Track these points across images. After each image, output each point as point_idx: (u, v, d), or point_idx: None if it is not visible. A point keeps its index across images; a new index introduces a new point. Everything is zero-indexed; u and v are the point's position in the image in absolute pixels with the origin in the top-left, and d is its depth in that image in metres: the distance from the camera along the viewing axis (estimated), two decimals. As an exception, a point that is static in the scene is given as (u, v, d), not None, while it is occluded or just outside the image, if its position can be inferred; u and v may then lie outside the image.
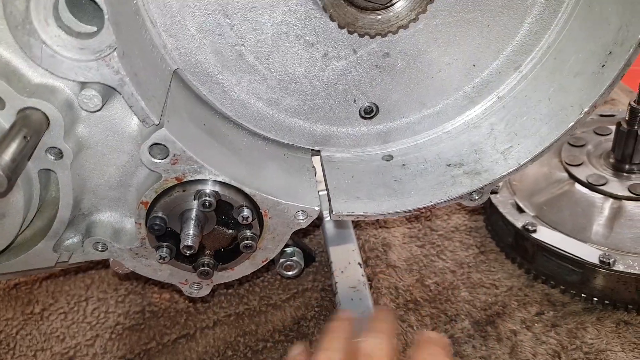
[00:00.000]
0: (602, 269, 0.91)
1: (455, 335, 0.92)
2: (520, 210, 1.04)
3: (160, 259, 0.70)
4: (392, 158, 0.82)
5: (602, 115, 1.23)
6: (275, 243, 0.75)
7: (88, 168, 0.66)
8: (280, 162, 0.79)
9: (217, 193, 0.67)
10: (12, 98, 0.56)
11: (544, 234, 0.98)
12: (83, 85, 0.57)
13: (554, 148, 0.73)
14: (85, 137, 0.64)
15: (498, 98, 0.79)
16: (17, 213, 0.62)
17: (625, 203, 1.01)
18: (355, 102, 0.78)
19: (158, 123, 0.61)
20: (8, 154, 0.51)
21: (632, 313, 0.93)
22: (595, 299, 0.94)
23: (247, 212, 0.69)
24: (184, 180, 0.66)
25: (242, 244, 0.71)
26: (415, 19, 0.66)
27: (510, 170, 0.75)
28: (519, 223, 1.01)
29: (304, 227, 0.73)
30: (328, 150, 0.83)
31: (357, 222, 1.15)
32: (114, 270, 0.74)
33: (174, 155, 0.63)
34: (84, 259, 0.72)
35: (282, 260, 0.93)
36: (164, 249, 0.70)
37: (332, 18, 0.65)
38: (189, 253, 0.67)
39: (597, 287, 0.94)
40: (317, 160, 0.84)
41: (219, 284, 0.83)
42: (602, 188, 1.03)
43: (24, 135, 0.54)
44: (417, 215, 1.19)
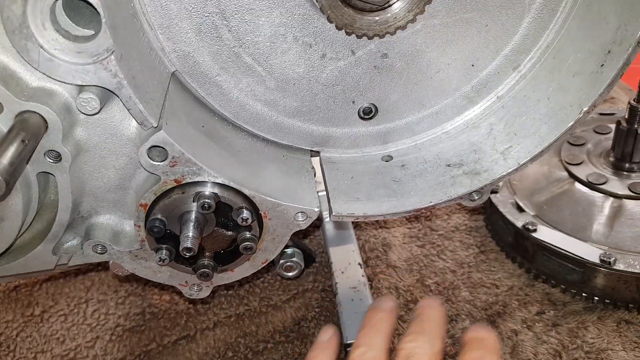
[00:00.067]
0: (602, 268, 0.91)
1: (456, 336, 0.92)
2: (521, 210, 1.04)
3: (160, 261, 0.70)
4: (391, 158, 0.82)
5: (601, 114, 1.23)
6: (275, 244, 0.75)
7: (87, 171, 0.66)
8: (280, 163, 0.79)
9: (216, 195, 0.67)
10: (10, 102, 0.56)
11: (544, 234, 0.98)
12: (81, 89, 0.57)
13: (554, 147, 0.73)
14: (84, 140, 0.64)
15: (497, 98, 0.79)
16: (16, 216, 0.62)
17: (626, 202, 1.00)
18: (354, 102, 0.78)
19: (156, 125, 0.61)
20: (6, 158, 0.51)
21: (633, 312, 0.92)
22: (596, 298, 0.94)
23: (246, 213, 0.69)
24: (183, 183, 0.66)
25: (241, 246, 0.71)
26: (413, 20, 0.66)
27: (510, 170, 0.75)
28: (519, 222, 1.00)
29: (304, 228, 0.73)
30: (327, 151, 0.83)
31: (357, 222, 1.15)
32: (114, 273, 0.74)
33: (173, 158, 0.63)
34: (84, 262, 0.72)
35: (282, 261, 0.93)
36: (164, 251, 0.70)
37: (329, 19, 0.65)
38: (189, 255, 0.67)
39: (597, 286, 0.93)
40: (316, 161, 0.84)
41: (219, 286, 0.83)
42: (602, 187, 1.03)
43: (22, 139, 0.54)
44: (417, 216, 1.18)
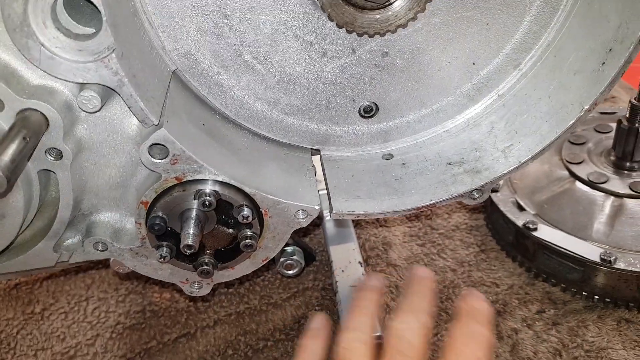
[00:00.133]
0: (603, 267, 0.91)
1: (456, 334, 0.93)
2: (521, 209, 1.04)
3: (161, 259, 0.70)
4: (392, 157, 0.82)
5: (602, 113, 1.23)
6: (276, 242, 0.75)
7: (88, 168, 0.66)
8: (280, 161, 0.79)
9: (217, 192, 0.67)
10: (11, 100, 0.56)
11: (545, 232, 0.98)
12: (82, 87, 0.57)
13: (555, 146, 0.73)
14: (85, 137, 0.64)
15: (498, 96, 0.79)
16: (17, 213, 0.62)
17: (626, 201, 1.00)
18: (355, 101, 0.78)
19: (157, 123, 0.61)
20: (7, 155, 0.52)
21: (633, 311, 0.92)
22: (596, 297, 0.94)
23: (247, 211, 0.69)
24: (184, 180, 0.66)
25: (242, 243, 0.71)
26: (414, 18, 0.66)
27: (511, 169, 0.75)
28: (520, 221, 1.00)
29: (304, 226, 0.73)
30: (328, 150, 0.83)
31: (357, 221, 1.15)
32: (115, 270, 0.74)
33: (174, 155, 0.63)
34: (84, 259, 0.72)
35: (282, 259, 0.94)
36: (164, 249, 0.70)
37: (330, 17, 0.65)
38: (189, 252, 0.67)
39: (598, 285, 0.93)
40: (317, 160, 0.84)
41: (220, 283, 0.83)
42: (602, 186, 1.02)
43: (24, 137, 0.54)
44: (417, 214, 1.18)
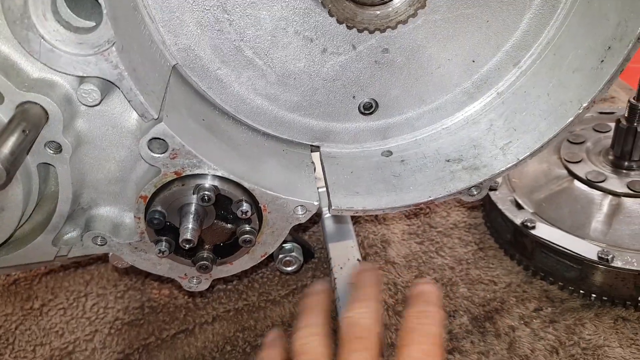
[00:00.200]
0: (600, 266, 0.91)
1: (454, 331, 0.93)
2: (519, 207, 1.04)
3: (160, 253, 0.70)
4: (391, 154, 0.82)
5: (601, 113, 1.23)
6: (274, 238, 0.75)
7: (87, 162, 0.66)
8: (280, 157, 0.79)
9: (216, 187, 0.67)
10: (10, 92, 0.56)
11: (543, 231, 0.98)
12: (82, 80, 0.57)
13: (553, 144, 0.73)
14: (84, 131, 0.64)
15: (497, 94, 0.79)
16: (16, 207, 0.62)
17: (624, 200, 1.01)
18: (355, 97, 0.78)
19: (157, 117, 0.62)
20: (7, 147, 0.52)
21: (630, 309, 0.93)
22: (594, 295, 0.94)
23: (246, 206, 0.69)
24: (183, 175, 0.66)
25: (241, 239, 0.71)
26: (414, 15, 0.66)
27: (509, 166, 0.75)
28: (518, 220, 1.01)
29: (303, 221, 0.74)
30: (327, 146, 0.83)
31: (356, 218, 1.15)
32: (113, 265, 0.74)
33: (173, 150, 0.63)
34: (83, 253, 0.72)
35: (281, 256, 0.94)
36: (163, 243, 0.70)
37: (330, 13, 0.65)
38: (188, 247, 0.67)
39: (595, 283, 0.94)
40: (316, 156, 0.84)
41: (218, 279, 0.83)
42: (601, 185, 1.03)
43: (23, 129, 0.54)
44: (416, 212, 1.19)
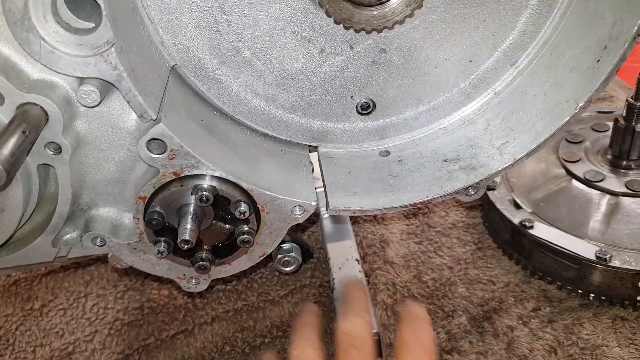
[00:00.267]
0: (598, 265, 0.91)
1: (452, 331, 0.93)
2: (518, 207, 1.04)
3: (158, 254, 0.71)
4: (388, 154, 0.83)
5: (599, 112, 1.24)
6: (273, 238, 0.75)
7: (87, 163, 0.67)
8: (278, 157, 0.79)
9: (214, 188, 0.68)
10: (11, 93, 0.56)
11: (541, 230, 0.98)
12: (81, 81, 0.57)
13: (551, 143, 0.74)
14: (84, 132, 0.64)
15: (494, 94, 0.80)
16: (16, 208, 0.63)
17: (622, 199, 1.01)
18: (352, 98, 0.79)
19: (156, 118, 0.62)
20: (7, 148, 0.52)
21: (628, 309, 0.93)
22: (592, 295, 0.95)
23: (244, 207, 0.69)
24: (182, 175, 0.67)
25: (239, 239, 0.72)
26: (411, 15, 0.67)
27: (506, 165, 0.75)
28: (516, 219, 1.01)
29: (301, 222, 0.74)
30: (325, 146, 0.83)
31: (354, 218, 1.16)
32: (113, 265, 0.75)
33: (172, 151, 0.64)
34: (83, 254, 0.72)
35: (279, 256, 0.94)
36: (162, 244, 0.70)
37: (328, 14, 0.65)
38: (187, 247, 0.68)
39: (593, 283, 0.94)
40: (314, 156, 0.85)
41: (217, 279, 0.83)
42: (599, 184, 1.03)
43: (23, 130, 0.54)
44: (414, 212, 1.19)
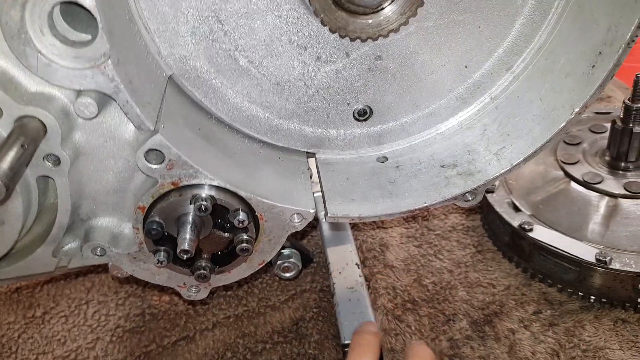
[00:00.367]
0: (598, 268, 0.92)
1: (454, 337, 0.93)
2: (517, 209, 1.04)
3: (158, 263, 0.71)
4: (386, 159, 0.83)
5: (597, 113, 1.24)
6: (272, 245, 0.76)
7: (86, 174, 0.67)
8: (276, 165, 0.79)
9: (213, 197, 0.68)
10: (9, 107, 0.57)
11: (541, 233, 0.98)
12: (79, 93, 0.58)
13: (547, 148, 0.74)
14: (82, 143, 0.65)
15: (491, 99, 0.80)
16: (16, 220, 0.63)
17: (621, 201, 1.01)
18: (349, 104, 0.79)
19: (153, 129, 0.62)
20: (6, 162, 0.52)
21: (629, 311, 0.93)
22: (593, 298, 0.95)
23: (243, 215, 0.70)
24: (180, 185, 0.67)
25: (238, 247, 0.72)
26: (406, 23, 0.67)
27: (503, 171, 0.75)
28: (516, 222, 1.01)
29: (300, 229, 0.74)
30: (323, 153, 0.84)
31: (353, 223, 1.16)
32: (113, 275, 0.75)
33: (170, 161, 0.64)
34: (83, 264, 0.73)
35: (279, 262, 0.94)
36: (162, 253, 0.71)
37: (323, 22, 0.66)
38: (186, 257, 0.68)
39: (594, 285, 0.94)
40: (312, 163, 0.85)
41: (217, 287, 0.84)
42: (597, 186, 1.03)
43: (22, 144, 0.55)
44: (414, 216, 1.19)
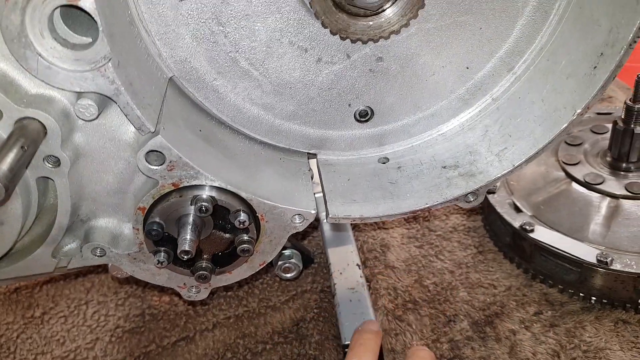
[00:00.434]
0: (599, 268, 0.92)
1: (455, 339, 0.93)
2: (518, 210, 1.04)
3: (158, 264, 0.71)
4: (387, 160, 0.83)
5: (598, 114, 1.24)
6: (273, 246, 0.76)
7: (86, 175, 0.67)
8: (277, 166, 0.79)
9: (213, 198, 0.68)
10: (9, 109, 0.57)
11: (542, 234, 0.98)
12: (79, 95, 0.58)
13: (548, 149, 0.74)
14: (83, 145, 0.65)
15: (492, 100, 0.80)
16: (15, 220, 0.63)
17: (623, 202, 1.01)
18: (350, 105, 0.79)
19: (154, 130, 0.62)
20: (6, 164, 0.52)
21: (630, 312, 0.93)
22: (594, 298, 0.95)
23: (243, 216, 0.70)
24: (181, 186, 0.67)
25: (239, 248, 0.72)
26: (407, 24, 0.67)
27: (505, 172, 0.75)
28: (517, 223, 1.01)
29: (301, 230, 0.74)
30: (324, 154, 0.84)
31: (354, 224, 1.16)
32: (113, 275, 0.75)
33: (170, 162, 0.64)
34: (83, 264, 0.73)
35: (280, 263, 0.94)
36: (162, 254, 0.71)
37: (324, 24, 0.65)
38: (187, 258, 0.68)
39: (595, 286, 0.94)
40: (313, 164, 0.85)
41: (218, 287, 0.83)
42: (599, 187, 1.03)
43: (22, 145, 0.55)
44: (415, 216, 1.19)
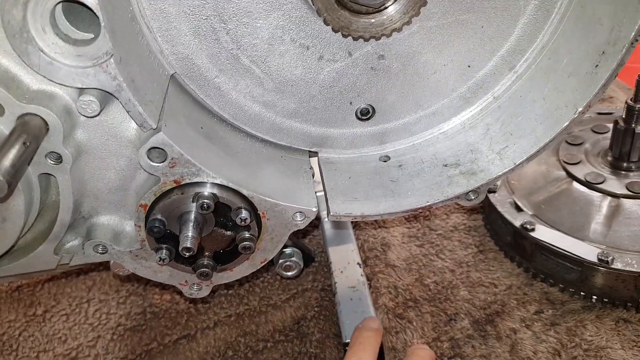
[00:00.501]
0: (600, 267, 0.92)
1: (456, 337, 0.93)
2: (519, 209, 1.04)
3: (160, 261, 0.71)
4: (389, 159, 0.83)
5: (599, 114, 1.24)
6: (274, 244, 0.76)
7: (88, 172, 0.67)
8: (278, 164, 0.79)
9: (215, 195, 0.68)
10: (11, 105, 0.57)
11: (543, 233, 0.98)
12: (81, 91, 0.58)
13: (549, 148, 0.74)
14: (84, 141, 0.65)
15: (493, 98, 0.80)
16: (18, 217, 0.63)
17: (623, 201, 1.01)
18: (352, 103, 0.79)
19: (156, 127, 0.62)
20: (8, 160, 0.52)
21: (631, 311, 0.93)
22: (594, 297, 0.95)
23: (245, 213, 0.70)
24: (183, 183, 0.67)
25: (240, 245, 0.72)
26: (409, 22, 0.67)
27: (506, 170, 0.75)
28: (518, 222, 1.01)
29: (302, 228, 0.74)
30: (325, 152, 0.84)
31: (356, 222, 1.16)
32: (115, 272, 0.75)
33: (172, 159, 0.64)
34: (85, 262, 0.73)
35: (281, 261, 0.94)
36: (164, 251, 0.71)
37: (326, 22, 0.65)
38: (188, 255, 0.68)
39: (596, 285, 0.94)
40: (314, 162, 0.85)
41: (219, 285, 0.84)
42: (600, 186, 1.03)
43: (24, 141, 0.55)
44: (415, 215, 1.19)
